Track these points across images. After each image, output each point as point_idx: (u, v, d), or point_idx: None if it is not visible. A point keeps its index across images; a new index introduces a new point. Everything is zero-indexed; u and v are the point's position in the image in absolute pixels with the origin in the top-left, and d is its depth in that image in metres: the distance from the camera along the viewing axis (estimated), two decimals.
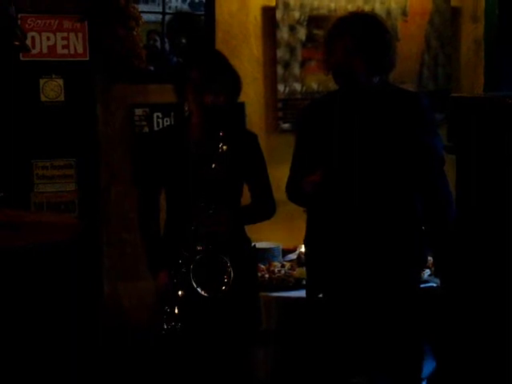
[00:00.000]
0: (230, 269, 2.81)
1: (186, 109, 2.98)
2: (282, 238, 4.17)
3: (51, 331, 2.52)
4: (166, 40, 4.02)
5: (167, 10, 4.02)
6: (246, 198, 3.11)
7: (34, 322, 2.48)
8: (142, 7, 3.90)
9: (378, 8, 4.17)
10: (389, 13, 4.21)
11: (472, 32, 4.42)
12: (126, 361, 3.86)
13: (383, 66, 2.87)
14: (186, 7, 4.05)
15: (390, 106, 2.86)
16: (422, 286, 3.54)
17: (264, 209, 3.08)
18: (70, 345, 2.63)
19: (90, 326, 3.48)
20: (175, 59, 4.02)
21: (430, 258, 3.78)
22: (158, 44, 4.01)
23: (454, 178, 3.11)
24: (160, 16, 4.00)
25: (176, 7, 4.04)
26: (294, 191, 3.01)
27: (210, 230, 2.83)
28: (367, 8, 4.16)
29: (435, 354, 3.51)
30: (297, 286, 3.68)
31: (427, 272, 3.74)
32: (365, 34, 2.81)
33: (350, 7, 4.13)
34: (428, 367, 3.51)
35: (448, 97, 3.51)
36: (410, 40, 4.25)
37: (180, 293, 2.86)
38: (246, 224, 3.06)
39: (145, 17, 3.90)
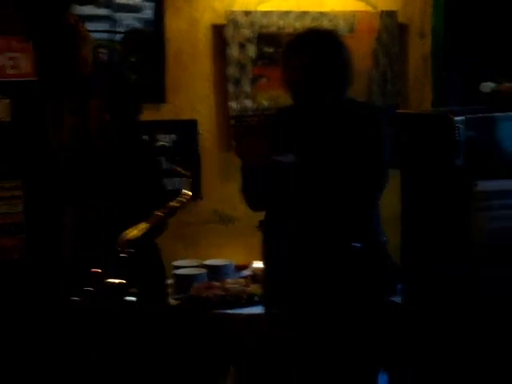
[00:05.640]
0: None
1: None
2: (235, 254, 4.19)
3: None
4: (114, 57, 4.01)
5: (119, 29, 4.02)
6: None
7: None
8: (93, 26, 3.89)
9: (327, 25, 4.20)
10: (336, 29, 4.25)
11: (419, 48, 4.47)
12: None
13: (341, 82, 2.89)
14: (138, 25, 4.05)
15: (345, 120, 2.86)
16: None
17: None
18: None
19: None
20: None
21: None
22: (106, 57, 3.99)
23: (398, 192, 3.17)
24: (111, 34, 4.00)
25: (127, 25, 4.04)
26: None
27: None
28: (315, 25, 4.20)
29: (386, 367, 3.54)
30: (249, 302, 3.69)
31: None
32: (322, 51, 2.82)
33: (299, 25, 4.17)
34: (381, 381, 3.54)
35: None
36: (359, 57, 4.28)
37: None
38: None
39: (96, 35, 3.89)
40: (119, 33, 4.02)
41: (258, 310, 3.60)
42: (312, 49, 2.82)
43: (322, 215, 2.81)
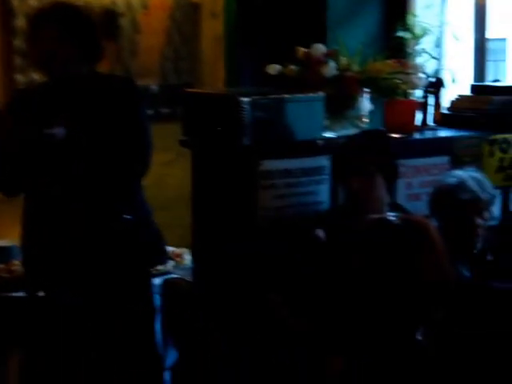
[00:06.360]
0: None
1: None
2: None
3: None
4: None
5: None
6: None
7: None
8: None
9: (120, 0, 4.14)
10: (130, 5, 4.19)
11: (212, 28, 4.50)
12: None
13: (89, 55, 2.92)
14: None
15: (101, 92, 2.90)
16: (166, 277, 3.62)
17: None
18: None
19: None
20: None
21: (174, 249, 3.86)
22: None
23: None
24: None
25: None
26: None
27: None
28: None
29: (177, 344, 3.58)
30: None
31: (171, 263, 3.80)
32: (67, 24, 2.86)
33: None
34: (171, 357, 3.58)
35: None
36: (151, 33, 4.26)
37: None
38: None
39: None
40: None
41: None
42: (58, 21, 2.85)
43: (90, 189, 2.84)
